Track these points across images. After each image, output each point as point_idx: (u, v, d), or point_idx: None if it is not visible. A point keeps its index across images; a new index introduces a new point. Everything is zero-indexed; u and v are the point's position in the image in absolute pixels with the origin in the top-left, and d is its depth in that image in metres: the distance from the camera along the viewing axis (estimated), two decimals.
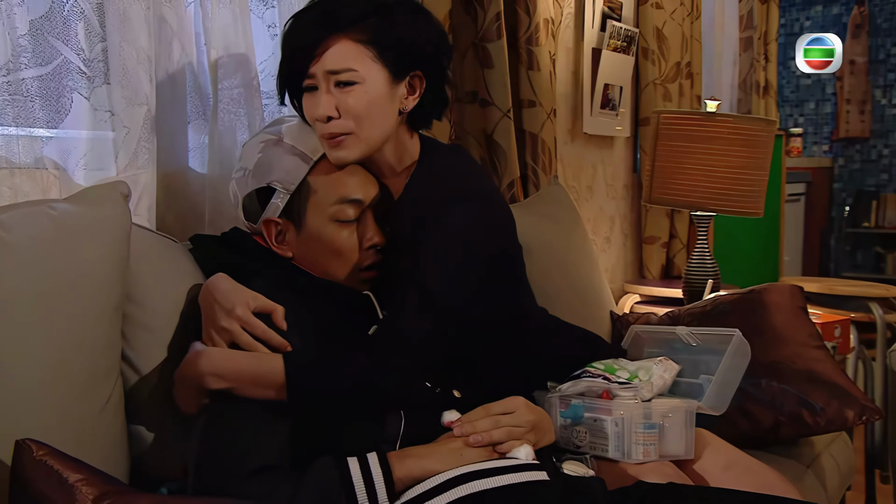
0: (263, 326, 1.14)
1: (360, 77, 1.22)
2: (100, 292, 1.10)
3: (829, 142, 5.30)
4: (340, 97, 1.23)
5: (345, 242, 1.27)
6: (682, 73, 2.99)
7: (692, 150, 2.18)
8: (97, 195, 1.16)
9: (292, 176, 1.26)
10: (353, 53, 1.22)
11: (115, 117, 1.33)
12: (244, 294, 1.15)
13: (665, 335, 1.46)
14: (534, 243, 1.73)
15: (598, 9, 2.66)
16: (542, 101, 2.20)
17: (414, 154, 1.33)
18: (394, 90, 1.26)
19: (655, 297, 2.74)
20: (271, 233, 1.28)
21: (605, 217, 2.89)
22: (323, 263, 1.28)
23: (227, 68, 1.49)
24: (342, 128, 1.24)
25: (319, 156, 1.28)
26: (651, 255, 2.98)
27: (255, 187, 1.27)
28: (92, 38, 1.32)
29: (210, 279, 1.20)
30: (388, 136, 1.29)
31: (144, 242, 1.24)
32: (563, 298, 1.81)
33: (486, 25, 2.03)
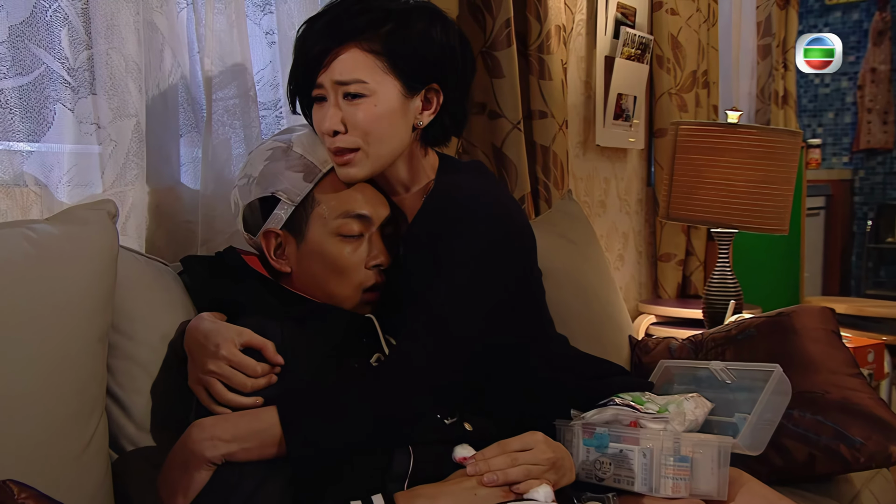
0: (253, 362, 1.10)
1: (369, 89, 1.20)
2: (83, 322, 1.07)
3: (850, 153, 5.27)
4: (348, 110, 1.21)
5: (347, 259, 1.24)
6: (698, 82, 2.97)
7: (713, 164, 2.16)
8: (82, 215, 1.13)
9: (299, 187, 1.24)
10: (364, 64, 1.20)
11: (101, 130, 1.31)
12: (229, 331, 1.12)
13: (697, 370, 1.42)
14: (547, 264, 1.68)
15: (612, 15, 2.64)
16: (554, 112, 2.18)
17: (430, 172, 1.31)
18: (407, 104, 1.24)
19: (672, 318, 2.71)
20: (270, 245, 1.26)
21: (618, 233, 2.87)
22: (322, 281, 1.25)
23: (222, 78, 1.47)
24: (349, 143, 1.22)
25: (329, 168, 1.26)
26: (666, 274, 2.95)
27: (258, 196, 1.25)
28: (76, 45, 1.30)
29: (192, 322, 1.16)
30: (400, 153, 1.26)
31: (132, 267, 1.22)
32: (580, 323, 1.77)
33: (495, 33, 2.01)
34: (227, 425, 1.06)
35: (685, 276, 2.99)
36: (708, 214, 2.17)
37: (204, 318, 1.16)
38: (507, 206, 1.26)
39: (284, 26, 1.62)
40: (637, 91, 2.78)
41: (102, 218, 1.13)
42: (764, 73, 3.49)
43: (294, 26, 1.62)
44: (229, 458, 1.05)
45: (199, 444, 1.05)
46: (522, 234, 1.27)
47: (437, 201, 1.26)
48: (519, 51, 2.08)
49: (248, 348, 1.11)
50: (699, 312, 2.50)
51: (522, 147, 2.08)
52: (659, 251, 2.96)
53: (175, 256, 1.42)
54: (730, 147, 2.13)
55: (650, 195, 3.01)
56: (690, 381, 1.46)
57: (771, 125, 3.44)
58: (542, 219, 2.03)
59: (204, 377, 1.11)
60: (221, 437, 1.05)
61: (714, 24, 3.04)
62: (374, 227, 1.27)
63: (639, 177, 2.98)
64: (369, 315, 1.26)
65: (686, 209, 2.22)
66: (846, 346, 1.70)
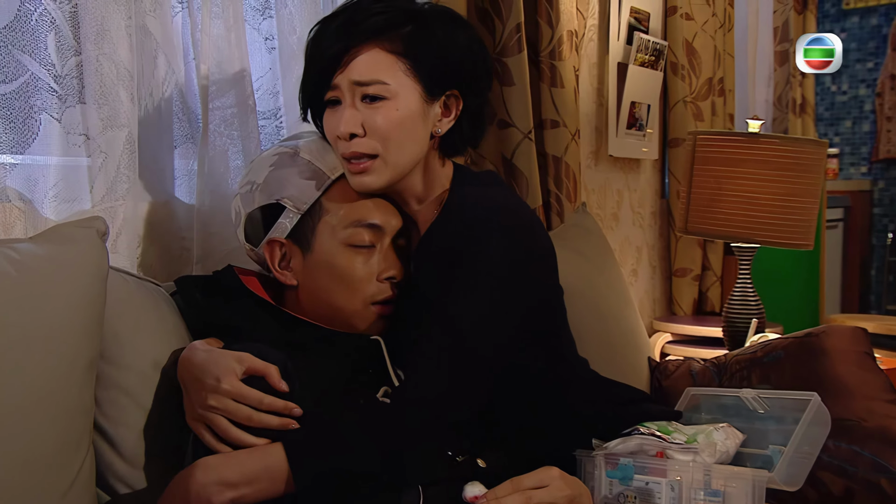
0: (258, 394, 1.06)
1: (390, 91, 1.19)
2: (69, 350, 1.03)
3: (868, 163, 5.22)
4: (367, 113, 1.19)
5: (357, 271, 1.22)
6: (714, 89, 2.93)
7: (733, 176, 2.11)
8: (68, 234, 1.10)
9: (306, 194, 1.22)
10: (385, 64, 1.18)
11: (90, 141, 1.29)
12: (228, 361, 1.07)
13: (726, 399, 1.38)
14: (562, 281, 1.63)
15: (625, 20, 2.61)
16: (566, 122, 2.16)
17: (445, 183, 1.29)
18: (427, 109, 1.22)
19: (688, 336, 2.67)
20: (274, 256, 1.24)
21: (631, 247, 2.84)
22: (330, 294, 1.23)
23: (219, 86, 1.45)
24: (366, 147, 1.20)
25: (338, 175, 1.24)
26: (682, 290, 2.92)
27: (262, 203, 1.23)
28: (64, 51, 1.28)
29: (184, 353, 1.13)
30: (418, 161, 1.24)
31: (123, 289, 1.19)
32: (596, 345, 1.72)
33: (505, 38, 1.99)
34: (234, 465, 1.03)
35: (701, 292, 2.96)
36: (728, 229, 2.14)
37: (197, 347, 1.13)
38: (530, 218, 1.24)
39: (285, 31, 1.61)
40: (651, 99, 2.75)
41: (91, 236, 1.10)
42: (781, 80, 3.48)
43: (295, 31, 1.61)
44: (238, 501, 1.01)
45: (204, 488, 1.01)
46: (545, 247, 1.25)
47: (454, 213, 1.24)
48: (529, 57, 2.06)
49: (250, 377, 1.07)
50: (717, 330, 2.46)
51: (534, 158, 2.06)
52: (674, 266, 2.93)
53: (169, 276, 1.41)
54: (752, 158, 2.09)
55: (664, 207, 2.99)
56: (718, 410, 1.42)
57: (789, 134, 3.41)
58: (556, 233, 2.00)
59: (205, 414, 1.06)
60: (229, 481, 1.01)
61: (730, 29, 3.03)
62: (387, 237, 1.25)
63: (652, 188, 2.96)
64: (376, 337, 1.23)
65: (705, 223, 2.19)
66: (881, 368, 1.65)
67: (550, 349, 1.32)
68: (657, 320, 2.81)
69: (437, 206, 1.27)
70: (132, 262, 1.34)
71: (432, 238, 1.25)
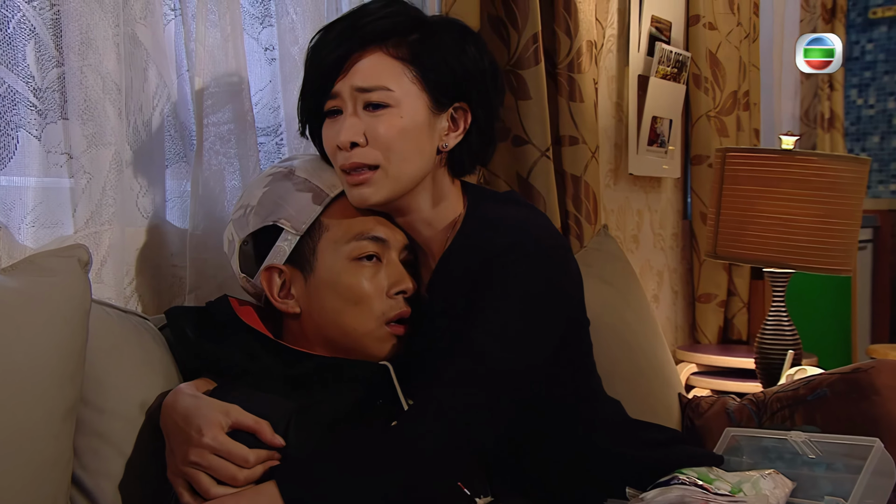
0: (244, 450, 1.03)
1: (394, 98, 1.17)
2: (46, 395, 1.00)
3: None
4: (369, 122, 1.18)
5: (365, 287, 1.20)
6: (739, 103, 2.92)
7: (766, 196, 2.08)
8: (47, 264, 1.07)
9: (304, 214, 1.21)
10: (390, 69, 1.18)
11: (73, 161, 1.27)
12: (213, 411, 1.05)
13: (769, 441, 1.33)
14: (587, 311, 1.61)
15: (646, 29, 2.60)
16: (586, 138, 2.13)
17: (457, 206, 1.26)
18: (434, 121, 1.21)
19: (715, 367, 2.63)
20: (273, 284, 1.22)
21: (652, 271, 2.81)
22: (340, 316, 1.20)
23: (215, 100, 1.43)
24: (368, 158, 1.18)
25: (337, 192, 1.23)
26: (706, 316, 2.88)
27: (257, 227, 1.22)
28: (45, 62, 1.25)
29: (168, 397, 1.10)
30: (422, 177, 1.22)
31: (107, 325, 1.16)
32: (624, 380, 1.68)
33: (521, 49, 1.96)
34: None
35: (727, 319, 2.93)
36: (761, 253, 2.10)
37: (182, 392, 1.10)
38: (559, 240, 1.23)
39: (286, 41, 1.59)
40: (673, 114, 2.74)
41: (72, 267, 1.07)
42: (808, 93, 3.48)
43: (297, 41, 1.59)
44: None
45: None
46: (573, 273, 1.23)
47: (474, 235, 1.22)
48: (546, 70, 2.04)
49: (238, 430, 1.05)
50: (747, 361, 2.44)
51: (551, 177, 2.03)
52: (697, 291, 2.90)
53: (159, 307, 1.40)
54: (786, 177, 2.06)
55: (687, 229, 2.96)
56: (761, 453, 1.37)
57: (817, 150, 3.37)
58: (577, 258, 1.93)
59: (185, 469, 1.03)
60: None
61: (755, 39, 3.03)
62: (392, 251, 1.24)
63: (674, 208, 2.94)
64: (384, 363, 1.20)
65: (735, 246, 2.15)
66: None
67: (577, 386, 1.30)
68: (681, 349, 2.77)
69: (452, 231, 1.25)
70: (119, 292, 1.31)
71: (449, 265, 1.23)
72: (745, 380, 2.44)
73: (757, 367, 2.20)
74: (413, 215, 1.24)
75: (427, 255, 1.27)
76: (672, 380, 1.89)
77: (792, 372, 1.98)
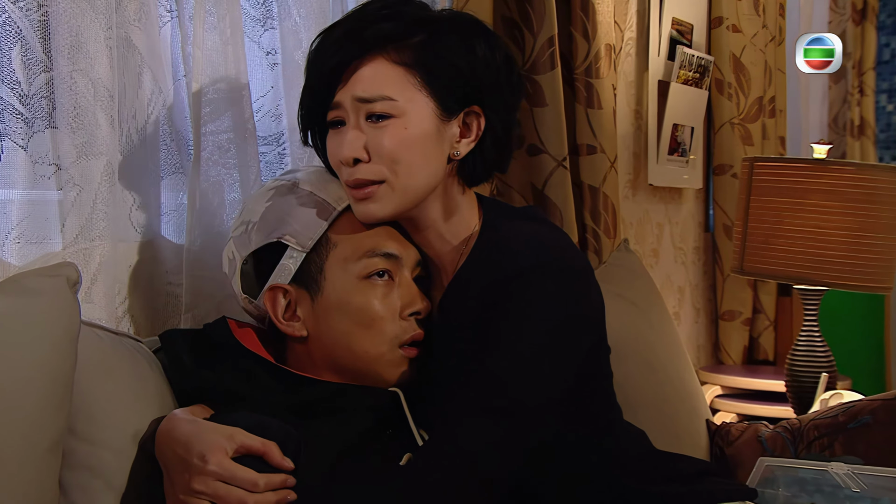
0: (252, 474, 1.02)
1: (398, 109, 1.16)
2: (30, 426, 0.98)
3: None
4: (372, 134, 1.17)
5: (377, 308, 1.20)
6: (764, 110, 2.91)
7: (797, 208, 2.08)
8: (32, 284, 1.05)
9: (310, 229, 1.20)
10: (392, 77, 1.16)
11: (61, 172, 1.26)
12: (215, 435, 1.04)
13: (806, 472, 1.31)
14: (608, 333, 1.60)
15: (666, 32, 2.59)
16: (605, 147, 2.13)
17: (471, 220, 1.25)
18: (443, 129, 1.19)
19: (740, 389, 2.62)
20: (277, 305, 1.21)
21: (672, 287, 2.80)
22: (350, 339, 1.20)
23: (214, 107, 1.43)
24: (372, 174, 1.18)
25: (344, 206, 1.22)
26: (730, 335, 2.88)
27: (260, 244, 1.21)
28: (32, 66, 1.24)
29: (164, 424, 1.09)
30: (432, 189, 1.21)
31: (97, 348, 1.14)
32: (647, 405, 1.66)
33: (536, 53, 1.96)
34: None
35: (752, 338, 2.91)
36: (791, 269, 2.09)
37: (178, 418, 1.09)
38: (581, 261, 1.22)
39: (289, 45, 1.59)
40: (695, 121, 2.74)
41: (60, 287, 1.05)
42: (837, 99, 3.49)
43: (301, 44, 1.59)
44: None
45: None
46: (596, 297, 1.22)
47: (490, 253, 1.20)
48: (563, 75, 2.04)
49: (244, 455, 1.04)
50: (775, 384, 2.44)
51: (568, 188, 2.03)
52: (721, 308, 2.89)
53: (154, 328, 1.39)
54: (819, 188, 2.05)
55: (709, 242, 2.96)
56: (798, 485, 1.37)
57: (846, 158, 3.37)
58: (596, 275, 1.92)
59: (189, 500, 1.01)
60: None
61: (781, 42, 3.02)
62: (405, 269, 1.23)
63: (696, 221, 2.94)
64: (394, 389, 1.20)
65: (763, 262, 2.15)
66: None
67: (596, 417, 1.28)
68: (703, 370, 2.75)
69: (466, 248, 1.24)
70: (110, 312, 1.30)
71: (463, 284, 1.22)
72: (773, 403, 2.43)
73: (788, 391, 2.19)
74: (424, 228, 1.23)
75: (439, 271, 1.26)
76: (699, 405, 1.87)
77: (826, 396, 1.96)
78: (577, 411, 1.21)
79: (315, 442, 1.10)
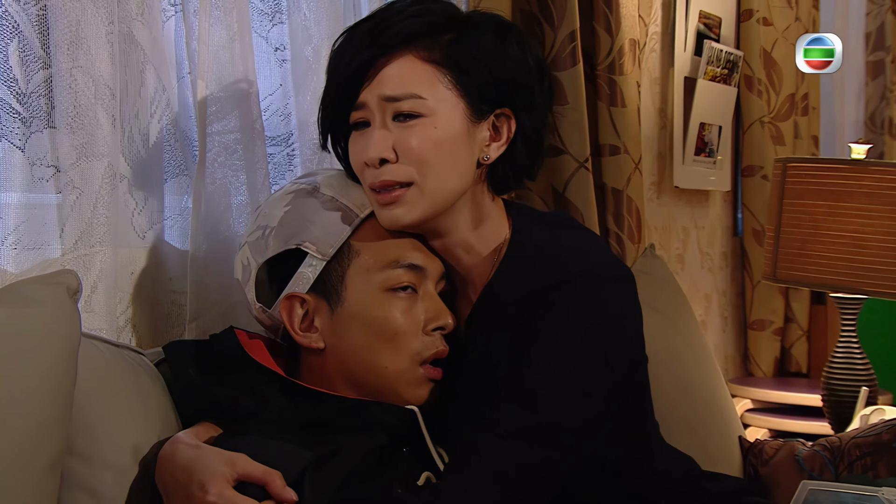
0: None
1: (427, 107, 1.16)
2: (29, 442, 0.98)
3: None
4: (400, 134, 1.17)
5: (399, 322, 1.20)
6: (796, 108, 2.91)
7: (834, 212, 2.07)
8: (30, 293, 1.05)
9: (332, 236, 1.20)
10: (421, 75, 1.17)
11: (60, 175, 1.26)
12: (217, 462, 1.05)
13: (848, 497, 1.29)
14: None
15: (693, 26, 2.60)
16: (629, 147, 2.14)
17: (501, 229, 1.25)
18: (473, 131, 1.20)
19: (772, 403, 2.62)
20: (294, 315, 1.21)
21: (699, 295, 2.80)
22: (369, 356, 1.21)
23: (220, 105, 1.43)
24: (400, 175, 1.18)
25: (367, 213, 1.23)
26: (759, 345, 2.88)
27: (278, 250, 1.21)
28: (29, 63, 1.24)
29: (166, 448, 1.09)
30: (460, 194, 1.21)
31: (97, 362, 1.14)
32: (678, 421, 1.65)
33: (557, 49, 1.97)
34: None
35: (784, 349, 2.91)
36: (828, 276, 2.09)
37: (181, 442, 1.09)
38: (622, 270, 1.22)
39: (299, 40, 1.59)
40: (723, 120, 2.74)
41: (60, 296, 1.05)
42: (875, 95, 3.46)
43: (311, 40, 1.59)
44: None
45: None
46: (637, 309, 1.22)
47: (523, 263, 1.20)
48: (584, 72, 2.04)
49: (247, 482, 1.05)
50: (809, 397, 2.43)
51: (590, 190, 2.03)
52: (750, 317, 2.89)
53: (156, 338, 1.39)
54: (858, 190, 2.04)
55: (737, 247, 2.96)
56: None
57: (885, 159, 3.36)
58: None
59: None
60: None
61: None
62: (429, 281, 1.23)
63: (723, 225, 2.94)
64: (411, 407, 1.20)
65: (798, 269, 2.14)
66: None
67: (633, 434, 1.28)
68: (732, 382, 2.74)
69: (496, 259, 1.24)
70: (111, 322, 1.30)
71: (493, 298, 1.22)
72: (806, 418, 2.43)
73: (825, 406, 2.18)
74: (451, 238, 1.23)
75: (467, 284, 1.25)
76: (731, 421, 1.87)
77: (867, 412, 1.95)
78: (613, 428, 1.20)
79: (328, 460, 1.10)
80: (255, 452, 1.06)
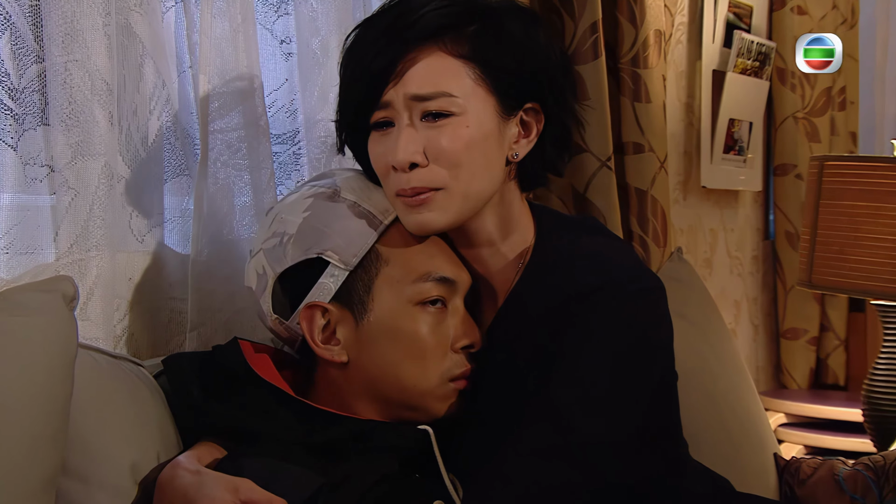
0: None
1: (458, 105, 1.16)
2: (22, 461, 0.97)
3: None
4: (429, 135, 1.17)
5: (428, 339, 1.21)
6: (833, 102, 2.91)
7: (876, 214, 2.07)
8: (24, 301, 1.04)
9: (357, 243, 1.20)
10: (450, 70, 1.17)
11: (55, 175, 1.26)
12: (219, 490, 1.04)
13: None
14: None
15: (722, 16, 2.60)
16: (654, 145, 2.15)
17: (527, 231, 1.26)
18: (503, 128, 1.20)
19: (807, 417, 2.62)
20: (314, 326, 1.21)
21: (728, 301, 2.80)
22: (397, 371, 1.21)
23: (223, 101, 1.44)
24: (431, 180, 1.18)
25: (392, 218, 1.23)
26: (793, 355, 2.88)
27: (298, 260, 1.21)
28: (22, 56, 1.24)
29: (165, 472, 1.09)
30: (491, 195, 1.22)
31: (94, 374, 1.14)
32: (710, 439, 1.65)
33: (578, 41, 1.98)
34: None
35: (820, 360, 2.91)
36: (870, 282, 2.09)
37: (181, 466, 1.09)
38: (653, 280, 1.22)
39: (305, 33, 1.60)
40: (754, 116, 2.75)
41: (55, 304, 1.05)
42: None
43: (319, 32, 1.60)
44: None
45: None
46: (668, 320, 1.23)
47: (549, 270, 1.21)
48: (607, 65, 2.05)
49: None
50: (848, 412, 2.42)
51: (613, 191, 2.04)
52: (783, 325, 2.89)
53: (156, 348, 1.40)
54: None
55: (769, 251, 2.97)
56: None
57: None
58: None
59: None
60: None
61: (854, 25, 3.01)
62: (458, 296, 1.24)
63: (753, 227, 2.94)
64: (424, 427, 1.20)
65: (836, 274, 2.15)
66: None
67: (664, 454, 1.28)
68: (764, 395, 2.73)
69: (520, 264, 1.24)
70: (108, 331, 1.30)
71: (520, 306, 1.22)
72: (845, 434, 2.42)
73: (866, 421, 2.18)
74: (478, 240, 1.24)
75: (489, 291, 1.26)
76: (766, 437, 1.87)
77: None
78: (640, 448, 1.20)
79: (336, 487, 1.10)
80: (260, 477, 1.06)
